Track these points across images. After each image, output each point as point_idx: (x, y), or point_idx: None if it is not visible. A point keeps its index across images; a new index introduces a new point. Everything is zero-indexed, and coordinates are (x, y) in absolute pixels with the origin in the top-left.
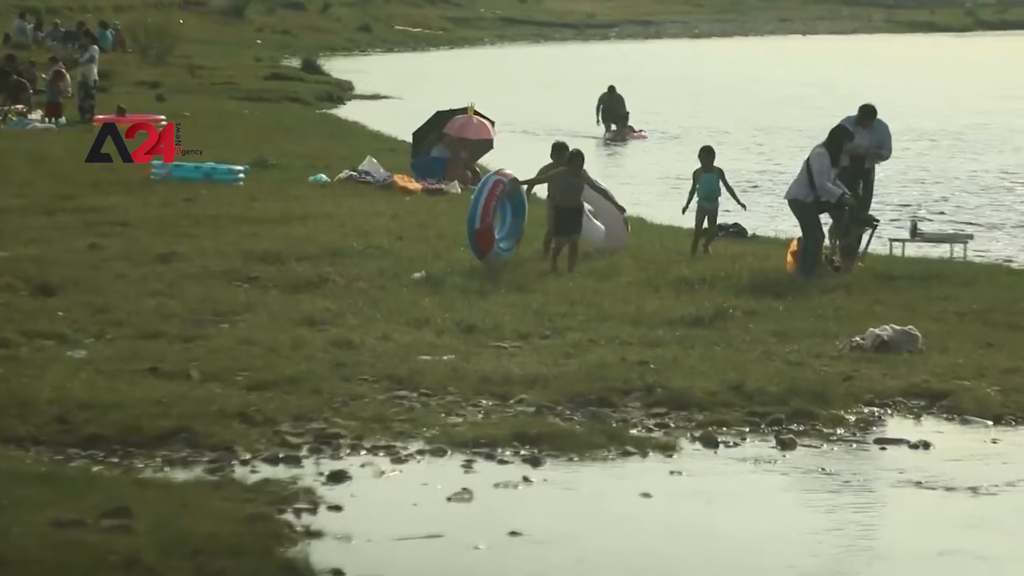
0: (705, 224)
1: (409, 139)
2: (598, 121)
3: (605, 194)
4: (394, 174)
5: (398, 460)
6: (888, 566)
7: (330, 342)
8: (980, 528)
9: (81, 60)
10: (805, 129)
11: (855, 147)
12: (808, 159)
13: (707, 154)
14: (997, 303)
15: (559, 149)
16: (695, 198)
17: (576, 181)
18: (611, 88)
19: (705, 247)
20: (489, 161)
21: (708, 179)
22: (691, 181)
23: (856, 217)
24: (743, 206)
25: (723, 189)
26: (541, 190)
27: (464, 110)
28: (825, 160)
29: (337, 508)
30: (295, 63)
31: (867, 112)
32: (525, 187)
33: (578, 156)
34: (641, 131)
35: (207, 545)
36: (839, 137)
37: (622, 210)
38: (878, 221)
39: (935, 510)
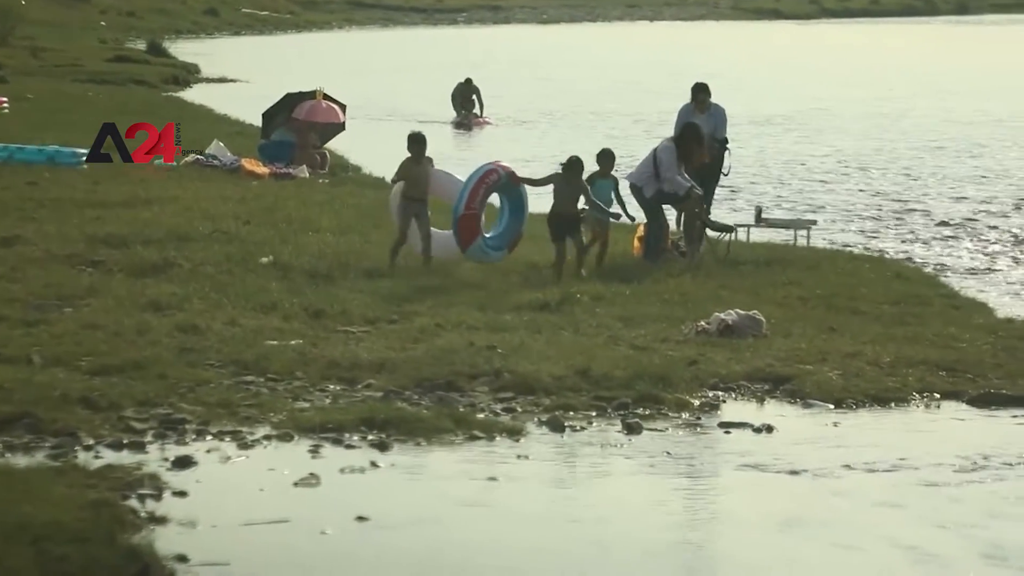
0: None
1: (257, 123)
2: (456, 110)
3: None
4: (241, 158)
5: (244, 445)
6: (733, 535)
7: (176, 327)
8: (821, 507)
9: None
10: (648, 113)
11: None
12: (656, 150)
13: (606, 158)
14: (839, 288)
15: (416, 141)
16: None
17: (573, 187)
18: (468, 80)
19: (580, 264)
20: (337, 145)
21: (603, 186)
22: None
23: (712, 227)
24: (631, 219)
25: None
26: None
27: (313, 94)
28: (672, 154)
29: (182, 494)
30: (140, 46)
31: (700, 88)
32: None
33: (577, 163)
34: (486, 118)
35: (49, 532)
36: (688, 135)
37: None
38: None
39: (778, 491)
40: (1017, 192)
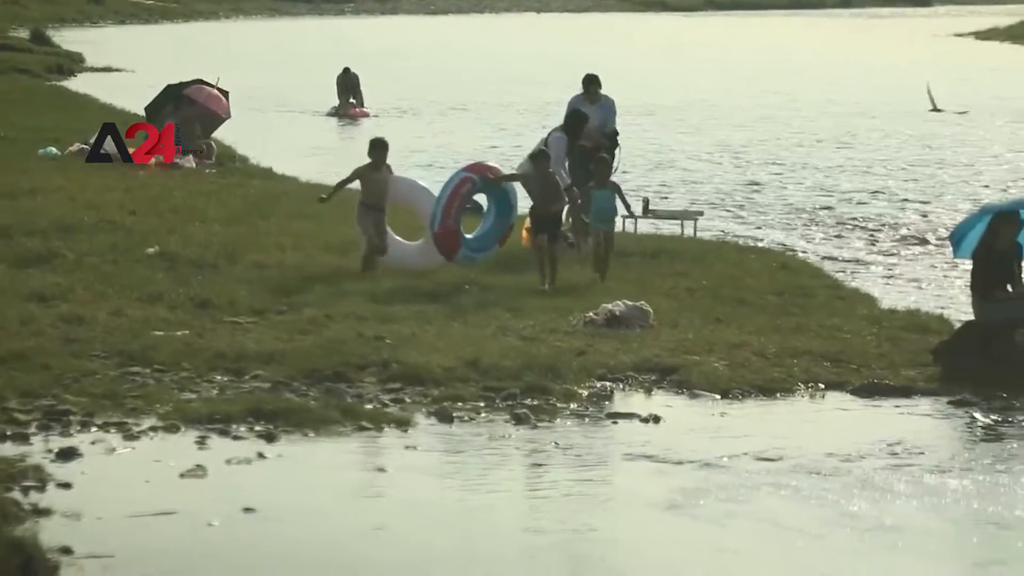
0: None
1: (142, 113)
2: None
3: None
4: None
5: (130, 437)
6: (617, 520)
7: (60, 317)
8: (705, 493)
9: None
10: (534, 104)
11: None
12: (546, 141)
13: (603, 166)
14: (725, 279)
15: (376, 147)
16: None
17: (545, 182)
18: (346, 69)
19: (601, 276)
20: (224, 136)
21: (602, 196)
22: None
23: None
24: (634, 218)
25: (619, 206)
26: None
27: (196, 81)
28: (563, 144)
29: (67, 486)
30: (23, 34)
31: (591, 79)
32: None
33: (541, 154)
34: (364, 109)
35: None
36: (575, 122)
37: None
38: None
39: (663, 479)
40: (901, 183)
